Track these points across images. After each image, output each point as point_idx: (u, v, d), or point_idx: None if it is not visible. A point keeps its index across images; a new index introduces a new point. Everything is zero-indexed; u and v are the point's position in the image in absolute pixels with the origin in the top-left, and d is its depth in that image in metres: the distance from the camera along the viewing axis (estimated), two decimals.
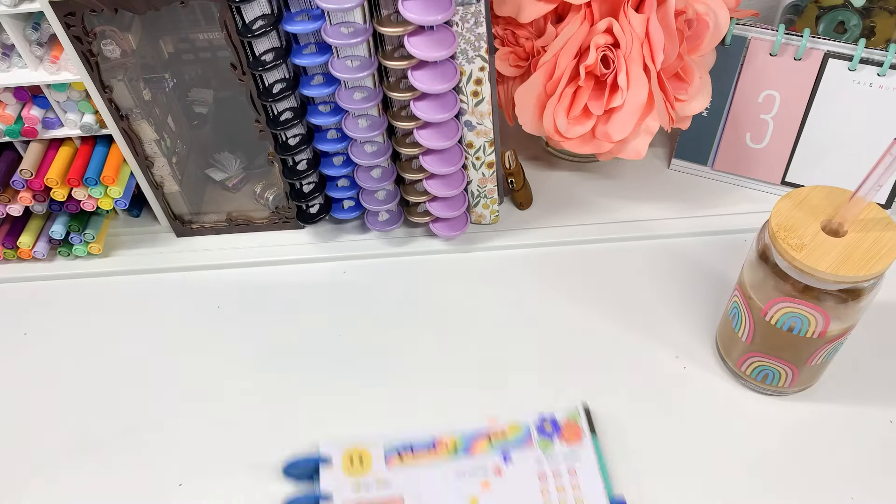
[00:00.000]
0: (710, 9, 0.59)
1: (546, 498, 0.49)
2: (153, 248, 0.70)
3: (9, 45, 0.57)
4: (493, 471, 0.51)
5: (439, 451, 0.52)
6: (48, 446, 0.57)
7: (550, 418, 0.53)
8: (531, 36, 0.62)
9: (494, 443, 0.52)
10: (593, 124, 0.61)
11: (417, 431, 0.53)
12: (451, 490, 0.50)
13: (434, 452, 0.52)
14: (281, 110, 0.60)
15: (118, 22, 0.57)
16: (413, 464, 0.52)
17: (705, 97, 0.62)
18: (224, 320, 0.64)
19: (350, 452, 0.52)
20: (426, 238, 0.68)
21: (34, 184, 0.63)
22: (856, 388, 0.56)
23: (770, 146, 0.67)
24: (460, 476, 0.51)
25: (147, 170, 0.65)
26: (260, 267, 0.68)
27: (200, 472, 0.55)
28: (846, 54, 0.61)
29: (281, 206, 0.69)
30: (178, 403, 0.59)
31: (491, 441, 0.52)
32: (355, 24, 0.54)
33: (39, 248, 0.68)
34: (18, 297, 0.67)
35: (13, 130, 0.61)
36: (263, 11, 0.54)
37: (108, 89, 0.59)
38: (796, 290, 0.47)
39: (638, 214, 0.68)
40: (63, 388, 0.60)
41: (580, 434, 0.52)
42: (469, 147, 0.62)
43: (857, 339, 0.57)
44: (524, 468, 0.51)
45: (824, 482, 0.51)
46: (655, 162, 0.73)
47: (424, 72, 0.56)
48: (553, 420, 0.53)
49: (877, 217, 0.48)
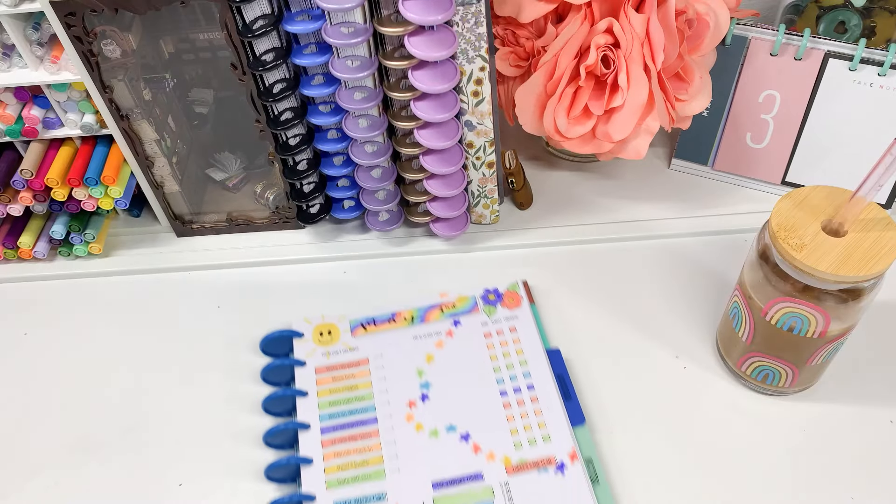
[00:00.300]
0: (711, 9, 0.59)
1: (491, 350, 0.57)
2: (153, 248, 0.70)
3: (9, 45, 0.57)
4: (445, 333, 0.59)
5: (398, 322, 0.60)
6: (48, 446, 0.57)
7: (494, 290, 0.61)
8: (531, 36, 0.62)
9: (446, 312, 0.60)
10: (594, 124, 0.61)
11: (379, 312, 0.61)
12: (409, 350, 0.58)
13: (394, 323, 0.60)
14: (281, 110, 0.60)
15: (118, 22, 0.57)
16: (375, 332, 0.59)
17: (706, 97, 0.62)
18: (224, 320, 0.64)
19: (319, 327, 0.60)
20: (426, 238, 0.68)
21: (34, 184, 0.63)
22: (856, 388, 0.56)
23: (770, 146, 0.67)
24: (417, 339, 0.59)
25: (147, 170, 0.65)
26: (260, 267, 0.68)
27: (201, 473, 0.55)
28: (846, 54, 0.61)
29: (281, 206, 0.69)
30: (178, 403, 0.59)
31: (443, 311, 0.60)
32: (356, 24, 0.54)
33: (40, 247, 0.68)
34: (19, 297, 0.67)
35: (14, 130, 0.61)
36: (264, 11, 0.54)
37: (108, 89, 0.59)
38: (796, 290, 0.47)
39: (638, 214, 0.68)
40: (63, 388, 0.60)
41: (519, 300, 0.60)
42: (469, 147, 0.62)
43: (858, 340, 0.57)
44: (472, 329, 0.59)
45: (824, 482, 0.51)
46: (656, 162, 0.73)
47: (425, 72, 0.56)
48: (496, 291, 0.61)
49: (877, 217, 0.48)
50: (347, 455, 0.53)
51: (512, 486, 0.50)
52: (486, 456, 0.52)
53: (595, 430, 0.54)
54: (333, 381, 0.57)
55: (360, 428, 0.54)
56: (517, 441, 0.52)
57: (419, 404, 0.55)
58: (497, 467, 0.51)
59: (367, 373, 0.57)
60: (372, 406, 0.55)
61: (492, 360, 0.57)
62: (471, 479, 0.51)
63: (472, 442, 0.53)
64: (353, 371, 0.57)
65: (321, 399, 0.56)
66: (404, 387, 0.56)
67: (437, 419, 0.54)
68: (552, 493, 0.50)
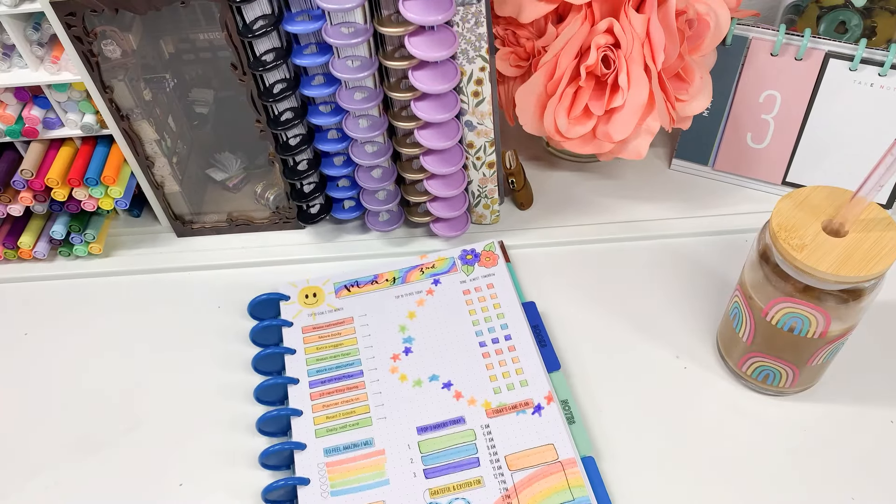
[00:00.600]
0: (711, 9, 0.59)
1: (470, 306, 0.60)
2: (154, 248, 0.70)
3: (9, 46, 0.57)
4: (426, 292, 0.61)
5: (380, 283, 0.62)
6: (48, 446, 0.57)
7: (471, 250, 0.63)
8: (532, 36, 0.62)
9: (426, 272, 0.62)
10: (594, 124, 0.61)
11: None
12: (391, 309, 0.60)
13: (376, 284, 0.62)
14: (281, 110, 0.60)
15: (119, 22, 0.57)
16: (359, 293, 0.61)
17: (706, 97, 0.62)
18: (225, 320, 0.64)
19: (305, 290, 0.62)
20: (427, 238, 0.68)
21: (35, 184, 0.63)
22: (856, 389, 0.56)
23: (771, 146, 0.67)
24: (399, 298, 0.61)
25: (148, 170, 0.65)
26: (260, 267, 0.68)
27: (201, 473, 0.55)
28: (847, 54, 0.61)
29: (281, 207, 0.69)
30: (178, 403, 0.59)
31: (423, 272, 0.62)
32: (356, 24, 0.54)
33: (40, 248, 0.68)
34: (19, 297, 0.67)
35: (14, 130, 0.61)
36: (264, 11, 0.54)
37: (108, 89, 0.59)
38: (797, 291, 0.47)
39: (638, 214, 0.68)
40: (63, 388, 0.60)
41: (496, 259, 0.63)
42: (470, 147, 0.62)
43: (858, 340, 0.57)
44: (451, 287, 0.61)
45: (824, 482, 0.51)
46: (656, 162, 0.73)
47: (425, 72, 0.56)
48: (473, 251, 0.63)
49: (878, 217, 0.48)
50: (335, 406, 0.55)
51: (492, 428, 0.53)
52: (468, 401, 0.54)
53: (591, 430, 0.54)
54: (320, 339, 0.59)
55: (346, 381, 0.56)
56: (496, 387, 0.55)
57: (402, 357, 0.57)
58: (478, 411, 0.54)
59: (352, 331, 0.59)
60: (358, 361, 0.57)
61: (470, 315, 0.59)
62: (453, 423, 0.53)
63: (453, 389, 0.55)
64: (338, 329, 0.59)
65: (308, 356, 0.58)
66: (388, 342, 0.58)
67: (420, 370, 0.56)
68: (529, 432, 0.52)
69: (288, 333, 0.60)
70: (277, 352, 0.58)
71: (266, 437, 0.56)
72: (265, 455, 0.53)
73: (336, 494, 0.51)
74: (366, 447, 0.53)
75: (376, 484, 0.51)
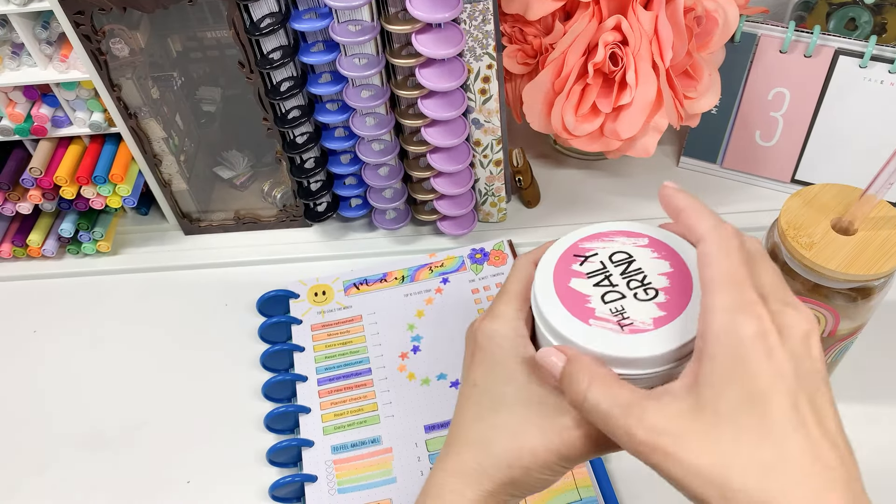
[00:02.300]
0: (720, 5, 0.59)
1: (479, 305, 0.60)
2: (161, 246, 0.70)
3: (18, 44, 0.58)
4: (434, 290, 0.61)
5: (389, 282, 0.62)
6: (58, 443, 0.57)
7: (480, 249, 0.63)
8: (539, 33, 0.62)
9: (435, 271, 0.62)
10: (602, 122, 0.61)
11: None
12: (400, 307, 0.60)
13: (385, 283, 0.62)
14: (288, 108, 0.60)
15: (127, 20, 0.57)
16: (368, 291, 0.62)
17: (714, 95, 0.62)
18: (232, 318, 0.64)
19: (314, 288, 0.62)
20: (433, 236, 0.68)
21: (43, 182, 0.63)
22: (863, 388, 0.55)
23: (780, 144, 0.67)
24: (408, 296, 0.61)
25: (155, 168, 0.65)
26: (267, 265, 0.68)
27: (209, 469, 0.55)
28: (857, 51, 0.61)
29: (288, 204, 0.69)
30: (186, 400, 0.59)
31: (432, 270, 0.63)
32: (363, 21, 0.54)
33: (49, 245, 0.68)
34: (28, 295, 0.68)
35: (23, 129, 0.61)
36: (271, 9, 0.54)
37: (116, 88, 0.59)
38: (806, 289, 0.47)
39: (646, 212, 0.68)
40: (72, 386, 0.61)
41: (505, 258, 0.62)
42: (477, 145, 0.62)
43: (867, 339, 0.57)
44: (460, 286, 0.61)
45: None
46: (664, 160, 0.73)
47: (432, 69, 0.56)
48: (482, 250, 0.63)
49: (887, 215, 0.47)
50: (343, 404, 0.55)
51: None
52: None
53: None
54: (329, 336, 0.59)
55: (354, 378, 0.57)
56: None
57: (411, 356, 0.57)
58: None
59: (360, 328, 0.59)
60: (366, 358, 0.58)
61: (479, 314, 0.58)
62: None
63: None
64: (347, 327, 0.60)
65: (317, 353, 0.58)
66: (396, 340, 0.58)
67: (428, 369, 0.57)
68: None
69: (297, 331, 0.60)
70: (286, 349, 0.58)
71: (274, 434, 0.56)
72: (273, 451, 0.53)
73: (343, 492, 0.51)
74: (373, 445, 0.53)
75: (383, 482, 0.51)
